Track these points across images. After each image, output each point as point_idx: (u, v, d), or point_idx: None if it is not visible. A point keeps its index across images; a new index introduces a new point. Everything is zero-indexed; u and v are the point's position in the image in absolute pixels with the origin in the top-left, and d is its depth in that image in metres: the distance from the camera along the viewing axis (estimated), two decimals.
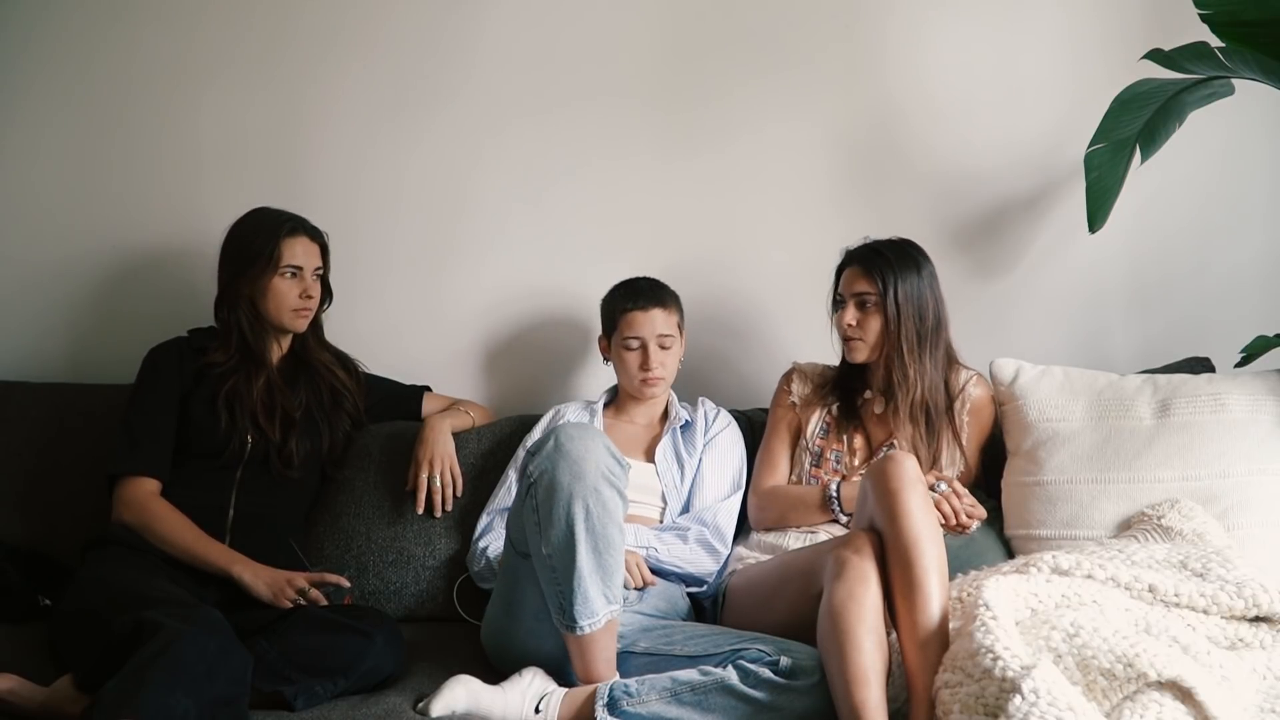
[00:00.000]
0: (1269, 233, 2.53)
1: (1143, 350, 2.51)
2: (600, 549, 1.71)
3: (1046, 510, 2.07)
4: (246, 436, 2.09)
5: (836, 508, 2.06)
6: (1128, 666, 1.49)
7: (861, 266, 2.12)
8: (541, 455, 1.75)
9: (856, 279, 2.12)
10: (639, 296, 2.22)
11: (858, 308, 2.12)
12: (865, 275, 2.11)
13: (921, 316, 2.10)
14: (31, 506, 2.25)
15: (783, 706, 1.65)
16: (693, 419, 2.28)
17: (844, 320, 2.13)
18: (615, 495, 1.73)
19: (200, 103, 2.54)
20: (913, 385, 2.09)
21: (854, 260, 2.14)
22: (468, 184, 2.56)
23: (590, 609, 1.70)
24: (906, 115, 2.54)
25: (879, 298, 2.09)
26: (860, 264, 2.12)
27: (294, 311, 2.16)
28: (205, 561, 1.98)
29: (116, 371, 2.38)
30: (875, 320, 2.10)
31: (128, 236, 2.54)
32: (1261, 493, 2.01)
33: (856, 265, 2.13)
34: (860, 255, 2.14)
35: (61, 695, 1.69)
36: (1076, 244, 2.47)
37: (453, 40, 2.54)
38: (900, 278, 2.09)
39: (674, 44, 2.55)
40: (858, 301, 2.12)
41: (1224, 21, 1.97)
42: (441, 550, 2.21)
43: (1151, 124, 2.15)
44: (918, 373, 2.09)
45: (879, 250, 2.12)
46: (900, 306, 2.08)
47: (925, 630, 1.63)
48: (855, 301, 2.12)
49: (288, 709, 1.69)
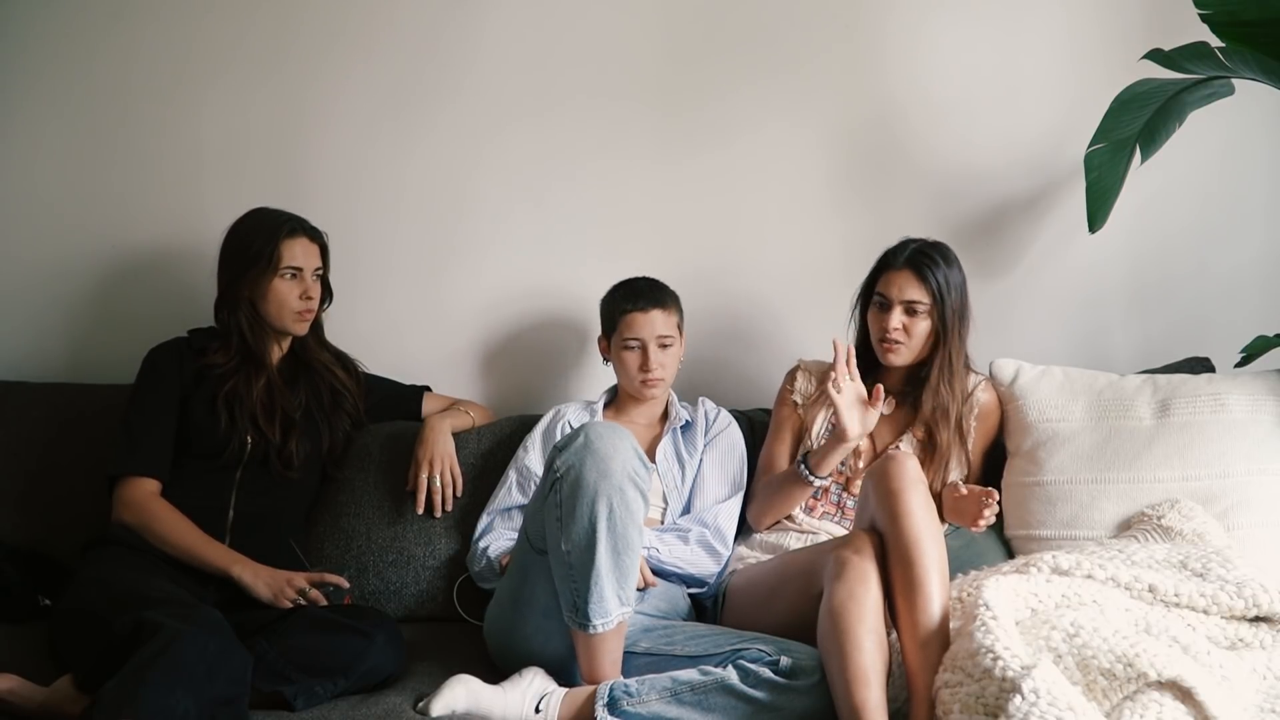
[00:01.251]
0: (1269, 233, 2.53)
1: (1143, 350, 2.51)
2: (619, 549, 1.71)
3: (1046, 510, 2.08)
4: (246, 437, 2.09)
5: (804, 471, 2.04)
6: (1128, 666, 1.50)
7: (915, 273, 2.07)
8: (569, 451, 1.74)
9: (909, 285, 2.07)
10: (639, 297, 2.22)
11: (905, 313, 2.08)
12: (919, 282, 2.06)
13: (964, 330, 2.10)
14: (31, 506, 2.25)
15: (783, 706, 1.65)
16: (693, 419, 2.28)
17: (889, 324, 2.07)
18: (639, 497, 1.73)
19: (201, 103, 2.54)
20: (959, 394, 2.10)
21: (905, 264, 2.09)
22: (468, 184, 2.56)
23: (605, 608, 1.71)
24: (907, 115, 2.54)
25: (933, 305, 2.07)
26: (914, 270, 2.07)
27: (295, 314, 2.16)
28: (205, 561, 1.98)
29: (116, 371, 2.37)
30: (923, 326, 2.08)
31: (128, 236, 2.54)
32: (1261, 493, 2.02)
33: (909, 270, 2.08)
34: (914, 261, 2.08)
35: (61, 695, 1.69)
36: (1076, 244, 2.47)
37: (453, 41, 2.54)
38: (951, 287, 2.07)
39: (674, 44, 2.55)
40: (906, 307, 2.08)
41: (1224, 21, 1.97)
42: (441, 550, 2.21)
43: (1151, 124, 2.15)
44: (949, 381, 2.09)
45: (932, 257, 2.08)
46: (949, 317, 2.07)
47: (926, 630, 1.63)
48: (904, 307, 2.08)
49: (288, 709, 1.69)
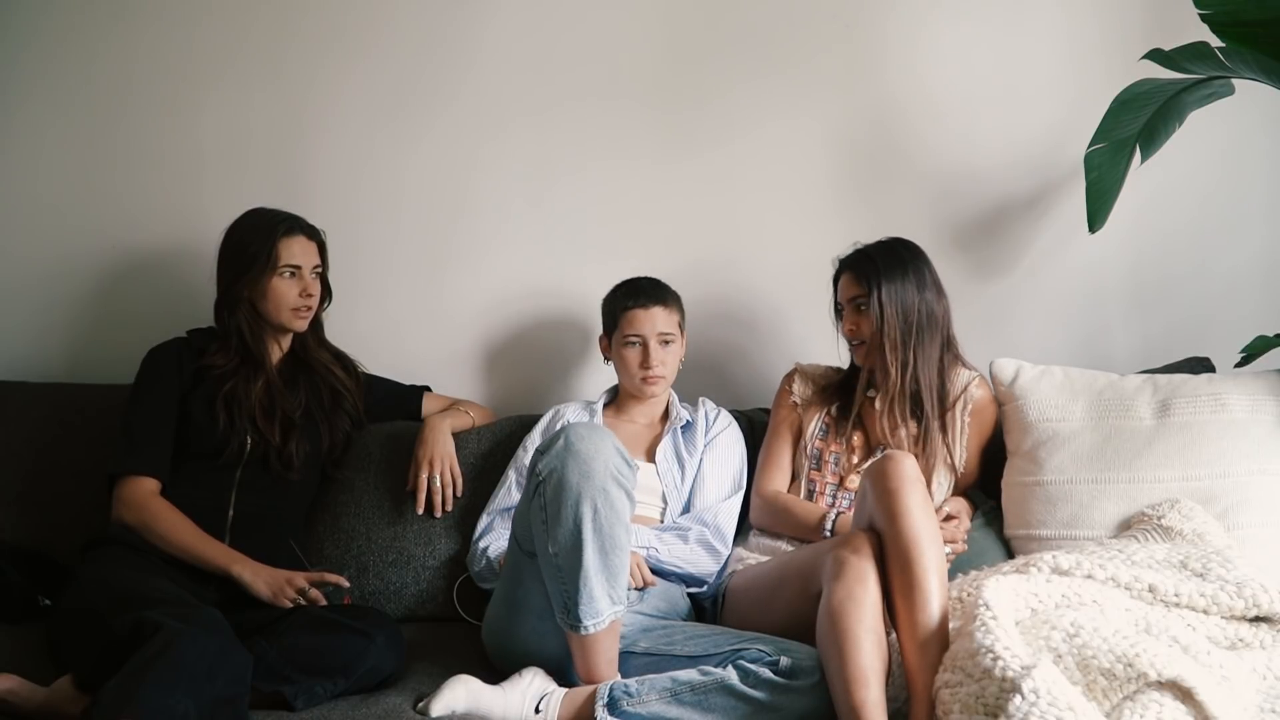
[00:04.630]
0: (1269, 233, 2.53)
1: (1143, 350, 2.51)
2: (607, 549, 1.70)
3: (1046, 510, 2.07)
4: (246, 438, 2.09)
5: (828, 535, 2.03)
6: (1128, 666, 1.50)
7: (851, 272, 2.16)
8: (551, 454, 1.74)
9: (849, 284, 2.17)
10: (640, 294, 2.23)
11: (854, 312, 2.15)
12: (854, 280, 2.15)
13: (906, 314, 2.11)
14: (31, 506, 2.25)
15: (783, 706, 1.65)
16: (693, 419, 2.28)
17: (845, 326, 2.18)
18: (623, 496, 1.73)
19: (201, 103, 2.54)
20: (894, 382, 2.10)
21: (845, 267, 2.19)
22: (468, 184, 2.56)
23: (595, 609, 1.70)
24: (907, 115, 2.54)
25: (867, 299, 2.11)
26: (850, 269, 2.17)
27: (293, 311, 2.16)
28: (205, 561, 1.98)
29: (116, 371, 2.37)
30: (868, 322, 2.12)
31: (128, 236, 2.54)
32: (1261, 493, 2.01)
33: (848, 271, 2.18)
34: (850, 261, 2.19)
35: (61, 695, 1.69)
36: (1076, 244, 2.47)
37: (453, 41, 2.54)
38: (885, 278, 2.11)
39: (674, 44, 2.55)
40: (853, 306, 2.15)
41: (1224, 21, 1.97)
42: (441, 550, 2.21)
43: (1151, 124, 2.15)
44: (898, 369, 2.10)
45: (866, 253, 2.17)
46: (884, 306, 2.10)
47: (925, 630, 1.63)
48: (851, 306, 2.16)
49: (288, 709, 1.69)
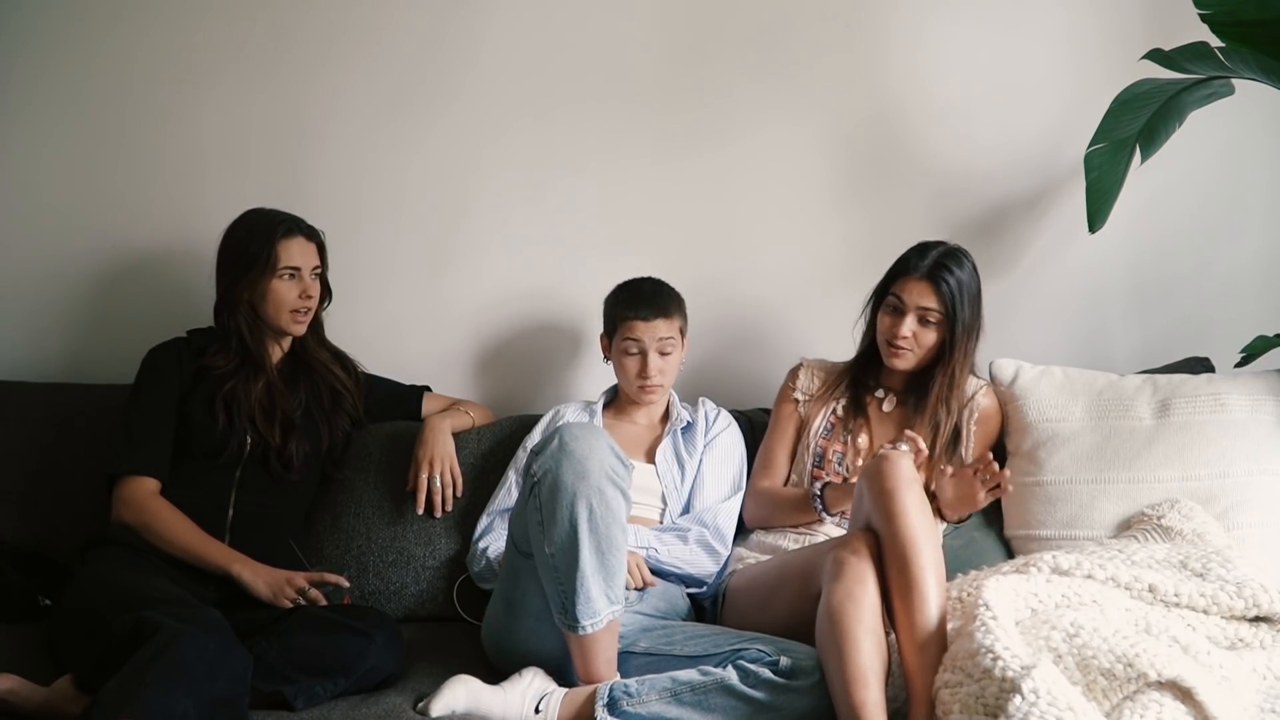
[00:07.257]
0: (1269, 233, 2.53)
1: (1143, 350, 2.51)
2: (603, 549, 1.70)
3: (1046, 510, 2.08)
4: (245, 438, 2.09)
5: (819, 506, 2.04)
6: (1128, 666, 1.50)
7: (932, 284, 2.05)
8: (545, 454, 1.74)
9: (925, 294, 2.05)
10: (641, 305, 2.18)
11: (918, 321, 2.07)
12: (935, 293, 2.05)
13: (969, 342, 2.09)
14: (31, 506, 2.24)
15: (782, 706, 1.65)
16: (693, 420, 2.27)
17: (899, 329, 2.07)
18: (619, 495, 1.73)
19: (202, 103, 2.54)
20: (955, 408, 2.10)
21: (924, 275, 2.06)
22: (468, 185, 2.56)
23: (592, 609, 1.70)
24: (907, 115, 2.54)
25: (944, 317, 2.06)
26: (931, 281, 2.05)
27: (293, 313, 2.15)
28: (205, 561, 1.98)
29: (115, 371, 2.37)
30: (933, 335, 2.08)
31: (128, 236, 2.53)
32: (1261, 493, 2.02)
33: (926, 281, 2.06)
34: (932, 272, 2.06)
35: (61, 695, 1.69)
36: (1076, 244, 2.47)
37: (454, 42, 2.54)
38: (965, 301, 2.06)
39: (674, 45, 2.54)
40: (919, 315, 2.07)
41: (1224, 21, 1.97)
42: (441, 550, 2.21)
43: (1151, 124, 2.15)
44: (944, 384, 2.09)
45: (950, 269, 2.06)
46: (956, 335, 2.07)
47: (923, 630, 1.63)
48: (916, 314, 2.07)
49: (288, 709, 1.69)
